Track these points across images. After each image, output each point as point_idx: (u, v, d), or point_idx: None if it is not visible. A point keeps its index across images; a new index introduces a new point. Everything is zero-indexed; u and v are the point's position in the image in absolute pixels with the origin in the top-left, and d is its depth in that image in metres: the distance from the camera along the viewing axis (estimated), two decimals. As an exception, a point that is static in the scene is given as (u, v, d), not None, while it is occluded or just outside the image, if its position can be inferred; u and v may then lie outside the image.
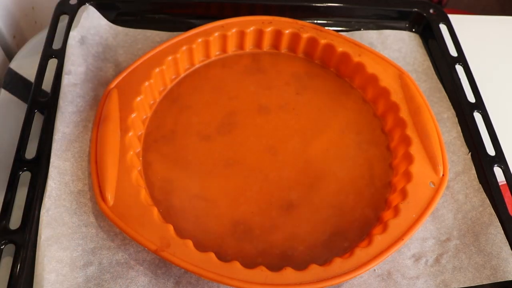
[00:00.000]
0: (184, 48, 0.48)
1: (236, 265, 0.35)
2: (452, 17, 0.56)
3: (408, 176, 0.42)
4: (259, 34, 0.51)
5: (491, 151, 0.45)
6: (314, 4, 0.55)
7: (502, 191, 0.43)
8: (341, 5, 0.55)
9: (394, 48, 0.54)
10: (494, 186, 0.43)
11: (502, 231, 0.41)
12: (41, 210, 0.38)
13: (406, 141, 0.44)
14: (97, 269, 0.37)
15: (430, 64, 0.53)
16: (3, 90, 0.49)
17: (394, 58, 0.52)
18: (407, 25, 0.57)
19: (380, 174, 0.45)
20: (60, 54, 0.47)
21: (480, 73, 0.52)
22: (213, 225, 0.40)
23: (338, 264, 0.36)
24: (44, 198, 0.39)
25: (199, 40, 0.48)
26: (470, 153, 0.45)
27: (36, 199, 0.39)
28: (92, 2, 0.51)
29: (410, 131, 0.44)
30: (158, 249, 0.35)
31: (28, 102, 0.44)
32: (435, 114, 0.47)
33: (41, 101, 0.45)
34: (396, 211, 0.39)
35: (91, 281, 0.36)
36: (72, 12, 0.50)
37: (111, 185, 0.38)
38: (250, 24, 0.50)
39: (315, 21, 0.55)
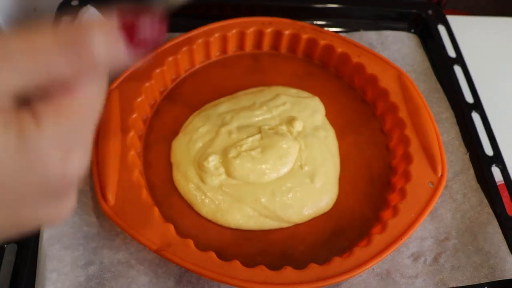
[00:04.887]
0: (184, 49, 0.48)
1: (236, 264, 0.36)
2: (451, 18, 0.56)
3: (407, 176, 0.42)
4: (259, 35, 0.51)
5: (489, 151, 0.45)
6: (313, 5, 0.55)
7: (500, 190, 0.43)
8: (341, 6, 0.56)
9: (393, 49, 0.54)
10: (492, 186, 0.43)
11: (500, 231, 0.41)
12: (43, 209, 0.38)
13: (405, 141, 0.44)
14: (98, 268, 0.37)
15: (429, 65, 0.53)
16: (4, 91, 0.49)
17: (393, 59, 0.52)
18: (406, 26, 0.57)
19: (379, 174, 0.45)
20: (62, 55, 0.47)
21: (478, 74, 0.52)
22: (214, 225, 0.41)
23: (337, 263, 0.36)
24: (45, 198, 0.39)
25: (200, 40, 0.49)
26: (468, 153, 0.46)
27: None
28: (93, 3, 0.52)
29: (409, 131, 0.44)
30: (158, 249, 0.36)
31: (30, 102, 0.45)
32: (434, 115, 0.47)
33: (42, 102, 0.45)
34: (395, 211, 0.40)
35: (92, 280, 0.36)
36: (74, 13, 0.51)
37: (112, 185, 0.38)
38: (250, 25, 0.50)
39: (315, 22, 0.55)
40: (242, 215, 0.40)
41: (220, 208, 0.40)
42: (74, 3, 0.52)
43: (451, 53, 0.53)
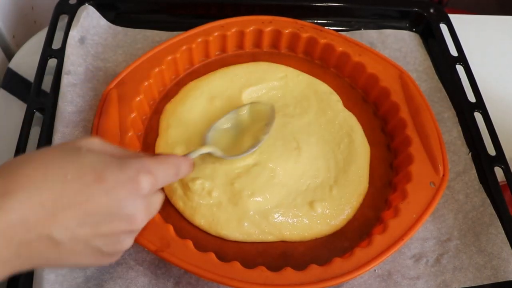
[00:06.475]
0: (183, 48, 0.47)
1: (236, 265, 0.35)
2: (453, 17, 0.56)
3: (408, 176, 0.41)
4: (259, 34, 0.50)
5: (491, 151, 0.45)
6: (314, 4, 0.55)
7: (503, 191, 0.43)
8: (341, 4, 0.55)
9: (394, 48, 0.54)
10: (495, 186, 0.43)
11: (503, 231, 0.40)
12: (41, 210, 0.38)
13: (406, 141, 0.44)
14: (97, 269, 0.37)
15: (431, 64, 0.53)
16: (2, 90, 0.49)
17: (395, 58, 0.52)
18: (407, 24, 0.57)
19: (380, 174, 0.44)
20: (60, 54, 0.47)
21: (480, 73, 0.51)
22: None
23: (338, 264, 0.36)
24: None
25: (199, 40, 0.48)
26: (470, 153, 0.45)
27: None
28: (91, 2, 0.51)
29: (410, 131, 0.44)
30: (157, 250, 0.35)
31: (28, 102, 0.44)
32: (436, 114, 0.47)
33: (40, 101, 0.45)
34: (396, 211, 0.39)
35: (90, 281, 0.36)
36: (72, 12, 0.50)
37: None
38: (250, 23, 0.50)
39: (315, 21, 0.55)
40: (242, 233, 0.39)
41: (215, 224, 0.39)
42: (72, 1, 0.51)
43: (453, 52, 0.53)
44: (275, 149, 0.43)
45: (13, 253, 0.24)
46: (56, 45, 0.48)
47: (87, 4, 0.51)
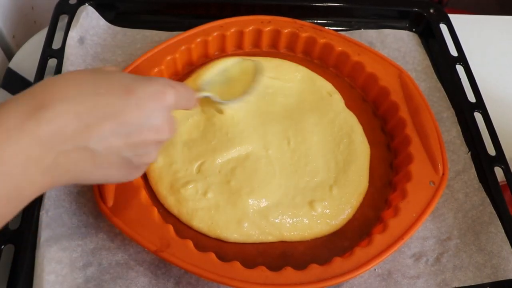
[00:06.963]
0: (183, 48, 0.47)
1: (236, 265, 0.35)
2: (452, 17, 0.56)
3: (408, 176, 0.41)
4: (258, 33, 0.50)
5: (491, 151, 0.45)
6: (314, 4, 0.55)
7: (503, 191, 0.43)
8: (341, 4, 0.55)
9: (393, 47, 0.54)
10: (495, 186, 0.43)
11: (503, 230, 0.40)
12: (41, 210, 0.38)
13: (406, 140, 0.44)
14: (97, 270, 0.37)
15: (430, 64, 0.53)
16: (2, 90, 0.49)
17: (394, 57, 0.52)
18: (407, 24, 0.57)
19: (380, 173, 0.44)
20: (60, 54, 0.47)
21: (480, 73, 0.51)
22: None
23: (338, 263, 0.36)
24: (43, 198, 0.38)
25: (198, 40, 0.48)
26: (469, 152, 0.45)
27: (35, 199, 0.38)
28: (91, 2, 0.51)
29: (409, 131, 0.44)
30: (157, 250, 0.35)
31: (27, 102, 0.44)
32: (435, 114, 0.47)
33: (40, 101, 0.44)
34: (396, 211, 0.39)
35: (90, 282, 0.36)
36: (72, 12, 0.50)
37: (111, 185, 0.38)
38: (249, 23, 0.50)
39: (315, 21, 0.55)
40: (242, 234, 0.39)
41: (214, 227, 0.39)
42: (72, 1, 0.51)
43: (453, 52, 0.53)
44: (273, 147, 0.43)
45: (52, 162, 0.26)
46: (56, 45, 0.48)
47: (86, 4, 0.51)
